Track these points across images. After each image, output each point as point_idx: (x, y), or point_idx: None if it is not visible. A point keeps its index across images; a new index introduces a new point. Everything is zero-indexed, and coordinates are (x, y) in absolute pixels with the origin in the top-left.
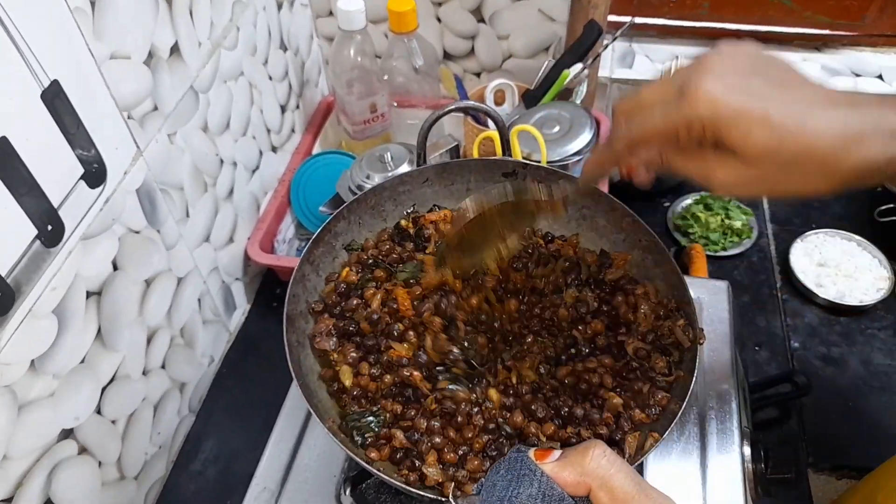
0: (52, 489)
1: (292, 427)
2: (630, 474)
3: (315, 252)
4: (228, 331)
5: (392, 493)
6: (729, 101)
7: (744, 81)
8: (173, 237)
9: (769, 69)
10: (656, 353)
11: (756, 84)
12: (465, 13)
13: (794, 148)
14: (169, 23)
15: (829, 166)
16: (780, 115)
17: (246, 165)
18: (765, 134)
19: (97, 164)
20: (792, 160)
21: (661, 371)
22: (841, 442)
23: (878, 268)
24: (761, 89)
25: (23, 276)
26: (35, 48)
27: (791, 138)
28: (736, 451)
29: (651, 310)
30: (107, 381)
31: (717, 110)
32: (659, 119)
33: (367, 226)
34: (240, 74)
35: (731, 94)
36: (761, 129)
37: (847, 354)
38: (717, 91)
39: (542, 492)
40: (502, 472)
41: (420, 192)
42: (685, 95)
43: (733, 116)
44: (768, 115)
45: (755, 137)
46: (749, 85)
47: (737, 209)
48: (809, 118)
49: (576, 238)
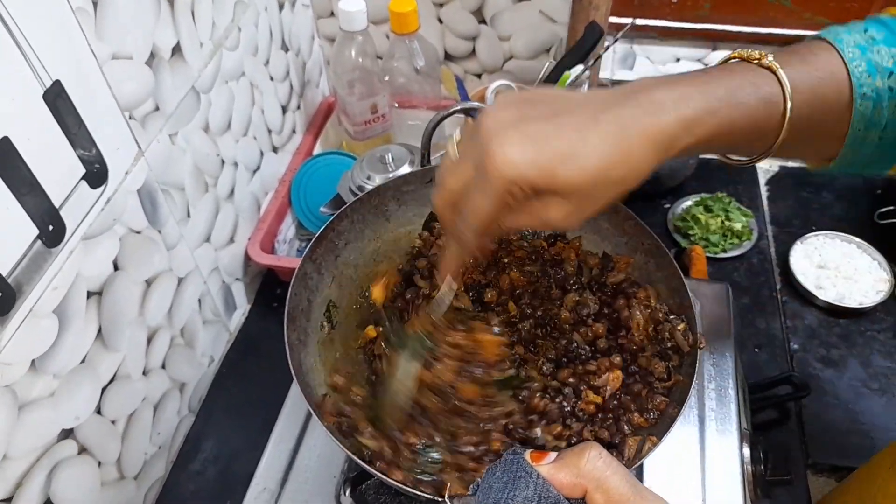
0: (51, 489)
1: (292, 427)
2: (626, 476)
3: (318, 251)
4: (228, 331)
5: (392, 493)
6: (525, 157)
7: (526, 132)
8: (174, 237)
9: (538, 107)
10: (655, 358)
11: (537, 129)
12: (467, 14)
13: (595, 172)
14: (171, 23)
15: (616, 180)
16: (569, 151)
17: (247, 166)
18: (568, 170)
19: (98, 164)
20: (593, 186)
21: (659, 376)
22: (840, 444)
23: (877, 270)
24: (544, 131)
25: (24, 275)
26: (37, 48)
27: (582, 171)
28: (735, 452)
29: (650, 315)
30: (107, 381)
31: (521, 170)
32: (484, 203)
33: (370, 225)
34: (241, 75)
35: (523, 151)
36: (563, 168)
37: (846, 356)
38: (510, 154)
39: (538, 494)
40: (498, 473)
41: (424, 191)
42: (489, 173)
43: (536, 168)
44: (561, 154)
45: (562, 176)
46: (533, 134)
47: (737, 211)
48: (589, 146)
49: (578, 241)
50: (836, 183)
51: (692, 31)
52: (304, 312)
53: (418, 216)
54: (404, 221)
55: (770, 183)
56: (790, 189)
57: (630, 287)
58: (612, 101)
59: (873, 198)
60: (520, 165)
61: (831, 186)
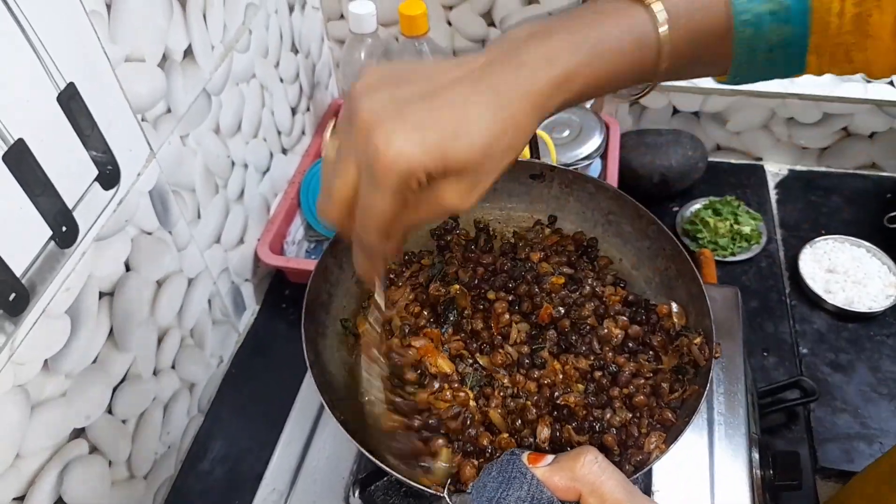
0: (63, 487)
1: (302, 428)
2: (621, 482)
3: (338, 246)
4: (237, 331)
5: (401, 495)
6: (413, 146)
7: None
8: (185, 238)
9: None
10: (668, 383)
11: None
12: (476, 17)
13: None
14: (183, 26)
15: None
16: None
17: (257, 167)
18: (459, 149)
19: (111, 165)
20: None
21: (669, 401)
22: (849, 449)
23: (887, 275)
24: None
25: (37, 276)
26: (51, 51)
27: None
28: (744, 456)
29: (668, 332)
30: (118, 381)
31: (413, 161)
32: (380, 203)
33: None
34: (252, 77)
35: (409, 140)
36: (452, 148)
37: (855, 361)
38: (397, 146)
39: (531, 495)
40: (494, 473)
41: None
42: (378, 171)
43: (427, 155)
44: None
45: (453, 157)
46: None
47: (746, 214)
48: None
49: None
50: (845, 187)
51: None
52: (323, 306)
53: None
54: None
55: (779, 186)
56: (799, 193)
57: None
58: (485, 70)
59: (883, 202)
60: (411, 157)
61: (841, 190)
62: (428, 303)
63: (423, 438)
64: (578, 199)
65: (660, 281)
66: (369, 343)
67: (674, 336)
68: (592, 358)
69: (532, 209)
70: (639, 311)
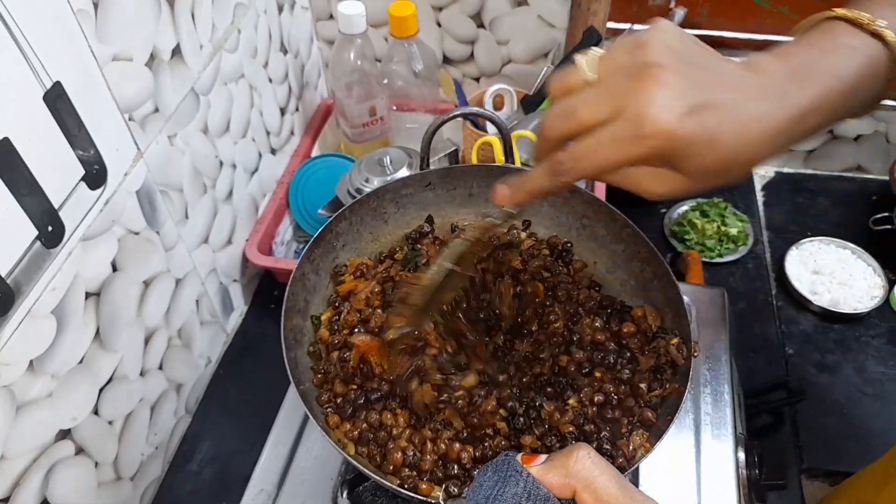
0: (48, 489)
1: (289, 429)
2: (615, 476)
3: (315, 251)
4: (226, 332)
5: (388, 496)
6: (684, 133)
7: (688, 97)
8: (172, 238)
9: (705, 73)
10: (646, 382)
11: (696, 95)
12: (466, 18)
13: (734, 159)
14: (171, 25)
15: (761, 159)
16: (723, 135)
17: (245, 167)
18: (712, 157)
19: (98, 165)
20: (730, 167)
21: (647, 399)
22: (835, 448)
23: (872, 276)
24: (703, 103)
25: (23, 276)
26: (38, 50)
27: (731, 152)
28: (730, 456)
29: (643, 333)
30: (104, 382)
31: (673, 145)
32: (612, 153)
33: (368, 227)
34: (240, 77)
35: (684, 125)
36: (709, 153)
37: (841, 362)
38: (673, 125)
39: (528, 491)
40: (489, 473)
41: (422, 195)
42: (641, 133)
43: (686, 148)
44: (714, 139)
45: (703, 161)
46: (693, 102)
47: (733, 216)
48: (745, 126)
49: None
50: (831, 189)
51: None
52: (301, 312)
53: (417, 219)
54: (402, 224)
55: (766, 188)
56: (786, 195)
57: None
58: (766, 90)
59: (869, 204)
60: (674, 140)
61: (827, 192)
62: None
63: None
64: (552, 204)
65: (635, 284)
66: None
67: (650, 337)
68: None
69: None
70: (613, 313)
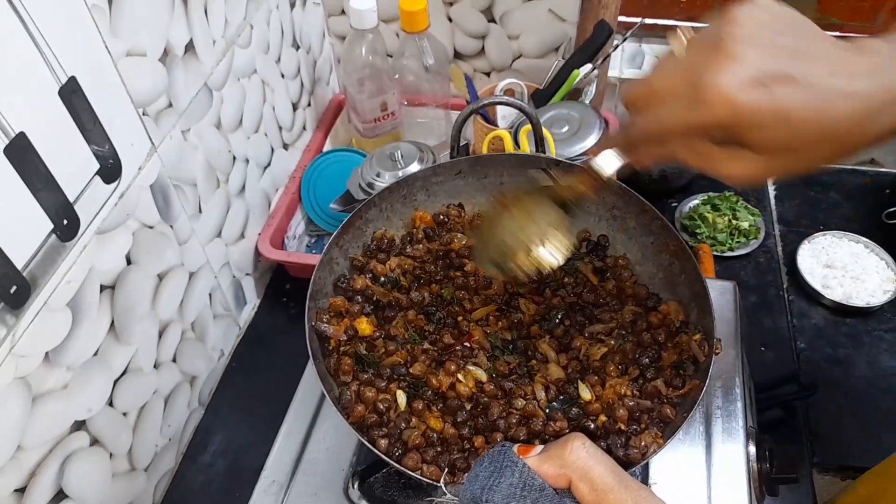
0: (64, 480)
1: (301, 421)
2: (610, 466)
3: (345, 237)
4: (238, 325)
5: (399, 486)
6: (746, 103)
7: (760, 69)
8: (186, 232)
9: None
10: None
11: (772, 67)
12: (476, 13)
13: (813, 138)
14: (184, 20)
15: (846, 143)
16: (798, 110)
17: (258, 162)
18: (784, 132)
19: (112, 159)
20: (809, 146)
21: (667, 396)
22: (846, 443)
23: (885, 270)
24: (779, 75)
25: (38, 269)
26: (53, 45)
27: (810, 129)
28: (741, 450)
29: (667, 329)
30: (119, 374)
31: (735, 114)
32: (674, 118)
33: (398, 214)
34: (253, 72)
35: (747, 94)
36: (781, 127)
37: (853, 356)
38: (733, 93)
39: (523, 481)
40: (486, 463)
41: (453, 183)
42: (701, 99)
43: (750, 118)
44: (787, 113)
45: (774, 136)
46: (765, 73)
47: (744, 210)
48: (828, 103)
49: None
50: (843, 182)
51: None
52: (327, 296)
53: (447, 207)
54: (432, 212)
55: (777, 182)
56: (798, 188)
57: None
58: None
59: (881, 197)
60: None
61: (839, 186)
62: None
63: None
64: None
65: (663, 277)
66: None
67: (674, 332)
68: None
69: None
70: (648, 304)
